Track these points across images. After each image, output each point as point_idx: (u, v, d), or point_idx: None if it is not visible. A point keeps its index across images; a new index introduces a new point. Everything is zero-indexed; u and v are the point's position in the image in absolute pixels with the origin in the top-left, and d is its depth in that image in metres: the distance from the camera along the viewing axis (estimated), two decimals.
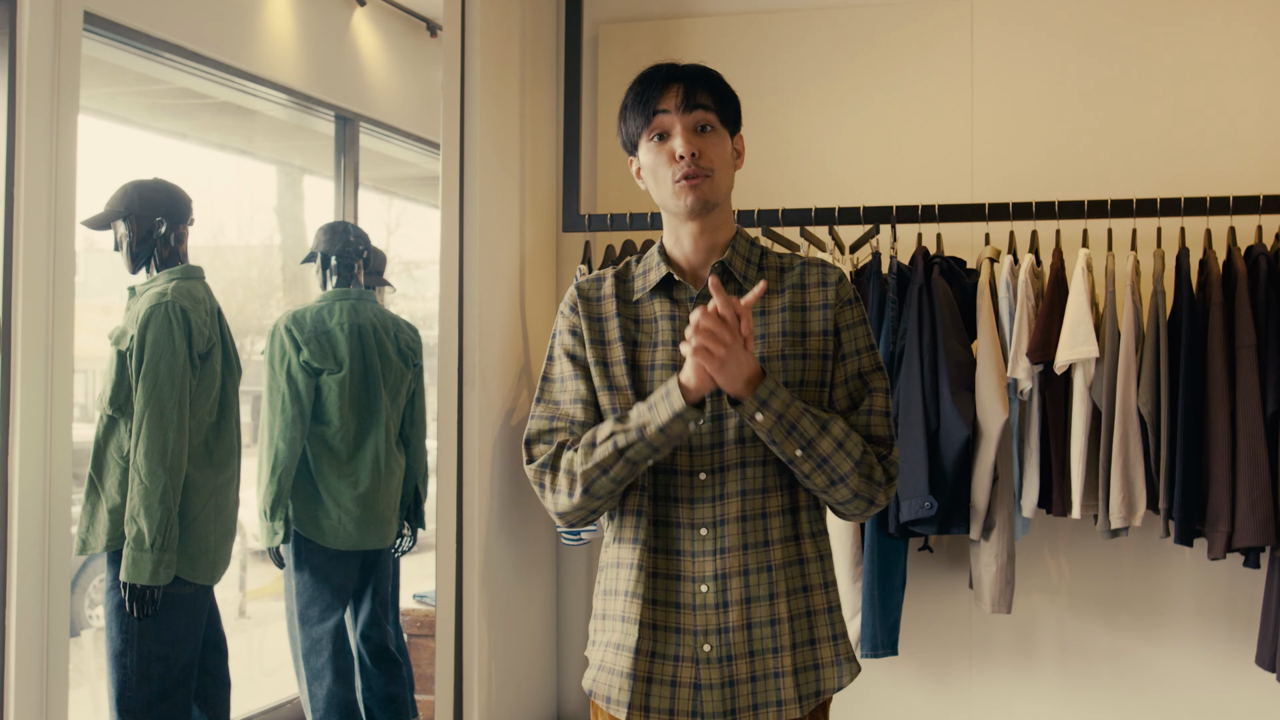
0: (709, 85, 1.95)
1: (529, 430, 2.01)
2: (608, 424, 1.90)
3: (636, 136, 1.96)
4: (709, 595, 1.91)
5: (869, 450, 1.92)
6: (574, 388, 1.99)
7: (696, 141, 1.91)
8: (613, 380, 1.97)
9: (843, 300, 1.98)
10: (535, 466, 1.97)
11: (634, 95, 1.96)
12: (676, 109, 1.92)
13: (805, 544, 1.96)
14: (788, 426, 1.84)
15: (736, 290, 1.97)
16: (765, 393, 1.82)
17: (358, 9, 4.93)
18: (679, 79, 1.94)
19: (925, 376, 3.39)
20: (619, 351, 1.97)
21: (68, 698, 2.45)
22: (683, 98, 1.92)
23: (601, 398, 1.98)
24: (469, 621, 3.58)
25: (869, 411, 1.95)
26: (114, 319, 3.33)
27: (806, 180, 3.95)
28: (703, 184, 1.92)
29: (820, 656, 1.95)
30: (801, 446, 1.85)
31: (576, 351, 2.00)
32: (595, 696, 1.97)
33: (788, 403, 1.84)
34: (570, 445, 1.94)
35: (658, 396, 1.86)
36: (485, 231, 3.63)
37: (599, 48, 4.17)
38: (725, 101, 1.97)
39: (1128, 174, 3.73)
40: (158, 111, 4.91)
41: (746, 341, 1.79)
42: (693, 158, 1.90)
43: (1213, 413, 3.30)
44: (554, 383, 2.02)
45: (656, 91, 1.93)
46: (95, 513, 3.08)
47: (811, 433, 1.85)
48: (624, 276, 2.05)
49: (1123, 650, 3.76)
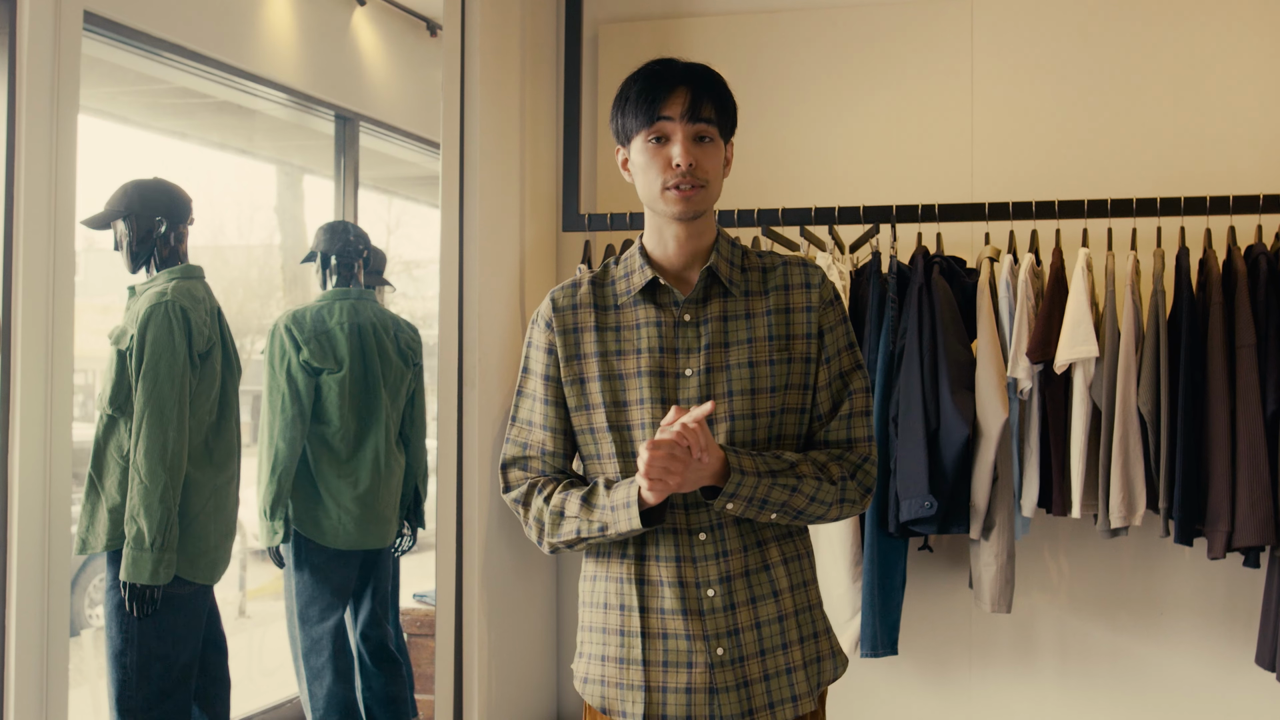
0: (714, 95, 1.93)
1: (504, 454, 2.04)
2: (574, 500, 1.92)
3: (633, 133, 1.94)
4: (717, 599, 1.91)
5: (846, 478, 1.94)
6: (543, 412, 2.00)
7: (695, 152, 1.90)
8: (588, 398, 1.97)
9: (825, 301, 1.98)
10: (510, 498, 2.01)
11: (638, 92, 1.93)
12: (680, 117, 1.90)
13: (796, 541, 2.00)
14: (759, 504, 1.87)
15: (721, 294, 1.97)
16: (733, 486, 1.84)
17: (358, 9, 4.93)
18: (685, 83, 1.91)
19: (925, 376, 3.39)
20: (594, 366, 1.96)
21: (68, 698, 2.45)
22: (688, 106, 1.90)
23: (578, 418, 1.98)
24: (469, 621, 3.58)
25: (848, 415, 1.97)
26: (114, 319, 3.33)
27: (806, 180, 3.95)
28: (695, 195, 1.91)
29: (821, 649, 1.99)
30: (775, 512, 1.89)
31: (550, 372, 2.00)
32: (609, 713, 1.97)
33: (754, 485, 1.86)
34: (540, 487, 1.98)
35: (620, 498, 1.87)
36: (485, 231, 3.63)
37: (599, 48, 4.17)
38: (726, 112, 1.96)
39: (1127, 174, 3.73)
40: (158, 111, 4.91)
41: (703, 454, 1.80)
42: (690, 169, 1.89)
43: (1213, 412, 3.30)
44: (527, 399, 2.03)
45: (664, 94, 1.90)
46: (95, 512, 3.08)
47: (782, 498, 1.88)
48: (601, 281, 2.02)
49: (1123, 650, 3.76)
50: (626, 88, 1.96)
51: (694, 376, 1.93)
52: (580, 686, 2.02)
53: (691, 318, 1.95)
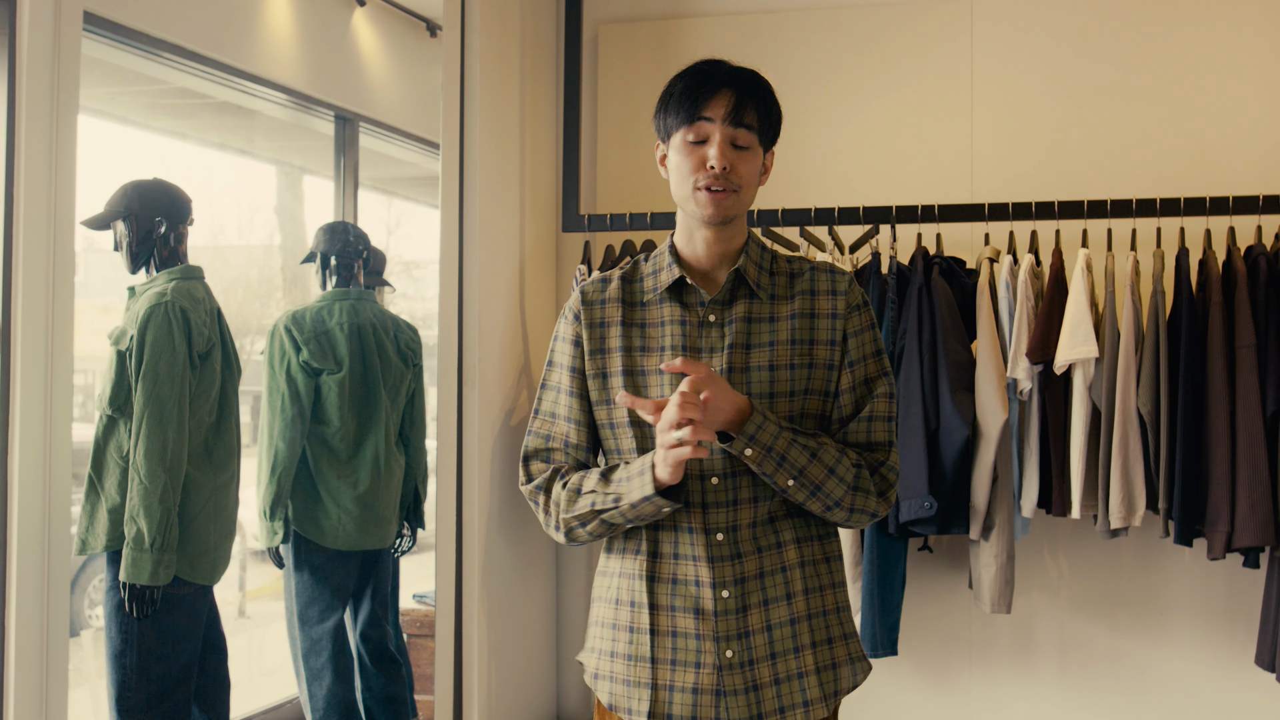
0: (758, 102, 1.92)
1: (526, 446, 2.03)
2: (593, 476, 1.91)
3: (674, 130, 1.93)
4: (731, 600, 1.90)
5: (864, 466, 1.92)
6: (568, 404, 1.99)
7: (730, 156, 1.89)
8: (610, 392, 1.96)
9: (851, 307, 1.97)
10: (531, 487, 2.00)
11: (682, 89, 1.91)
12: (722, 120, 1.89)
13: (816, 545, 1.97)
14: (777, 458, 1.84)
15: (748, 296, 1.96)
16: (753, 428, 1.82)
17: (357, 9, 4.93)
18: (731, 86, 1.90)
19: (925, 376, 3.39)
20: (618, 361, 1.96)
21: (68, 698, 2.45)
22: (730, 110, 1.88)
23: (599, 412, 1.98)
24: (469, 621, 3.58)
25: (870, 417, 1.95)
26: (114, 319, 3.33)
27: (806, 180, 3.95)
28: (727, 199, 1.90)
29: (836, 655, 1.96)
30: (793, 476, 1.86)
31: (576, 364, 1.99)
32: (616, 709, 1.96)
33: (775, 435, 1.84)
34: (564, 474, 1.96)
35: (635, 470, 1.86)
36: (485, 231, 3.64)
37: (599, 48, 4.17)
38: (768, 120, 1.94)
39: (1127, 174, 3.73)
40: (158, 111, 4.91)
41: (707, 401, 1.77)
42: (724, 172, 1.88)
43: (1212, 413, 3.30)
44: (551, 392, 2.02)
45: (707, 94, 1.89)
46: (95, 513, 3.08)
47: (802, 462, 1.85)
48: (631, 277, 2.02)
49: (1122, 650, 3.76)
50: (672, 85, 1.94)
51: None
52: (591, 681, 2.01)
53: (716, 318, 1.95)
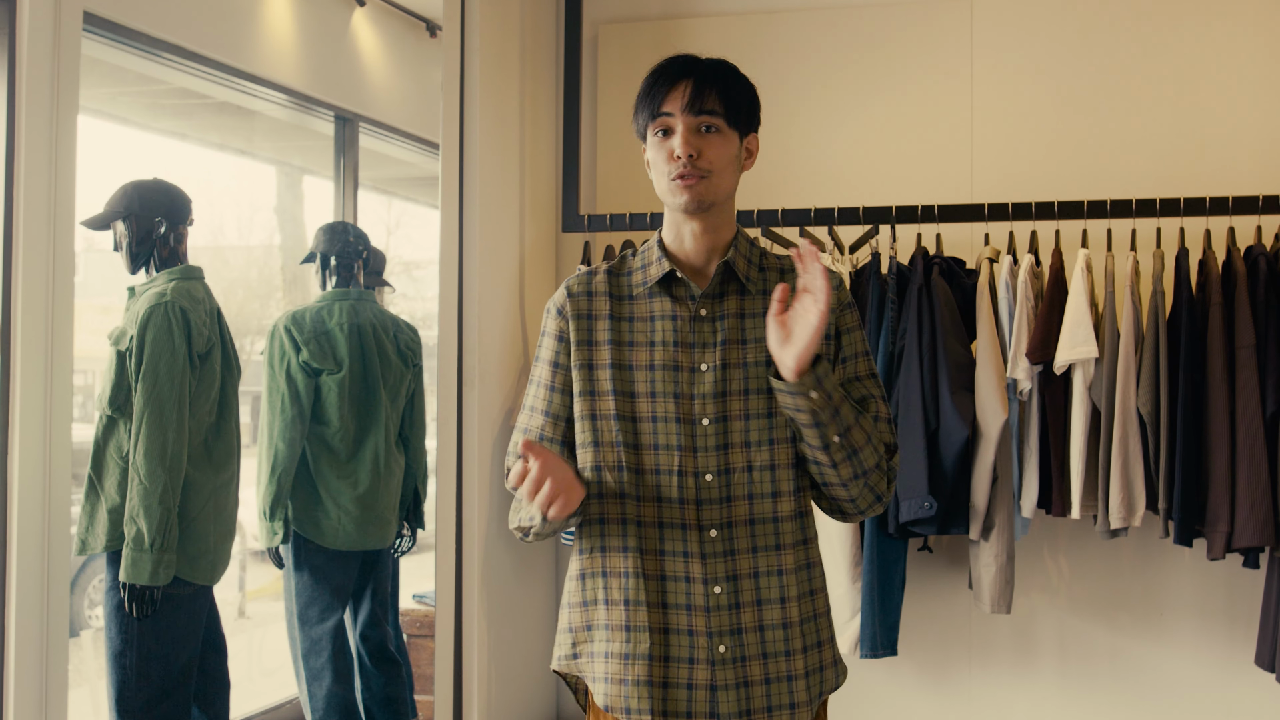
0: (720, 85, 1.92)
1: (511, 444, 2.03)
2: None
3: (644, 129, 1.95)
4: (723, 596, 1.90)
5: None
6: (546, 398, 2.00)
7: (696, 142, 1.89)
8: (596, 384, 1.95)
9: (843, 304, 1.98)
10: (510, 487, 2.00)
11: (644, 88, 1.94)
12: (681, 110, 1.90)
13: (810, 549, 1.98)
14: (833, 411, 1.84)
15: (739, 290, 1.96)
16: (823, 371, 1.81)
17: (357, 9, 4.93)
18: (688, 76, 1.91)
19: (925, 377, 3.39)
20: (607, 354, 1.96)
21: (67, 698, 2.45)
22: (688, 99, 1.90)
23: (581, 403, 1.96)
24: (469, 621, 3.58)
25: (874, 418, 1.95)
26: (114, 319, 3.33)
27: (806, 180, 3.95)
28: (698, 184, 1.90)
29: (824, 659, 1.98)
30: (839, 433, 1.85)
31: (560, 359, 1.99)
32: (612, 710, 1.95)
33: (836, 384, 1.84)
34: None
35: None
36: (485, 231, 3.64)
37: (599, 48, 4.17)
38: (735, 102, 1.94)
39: (1127, 174, 3.73)
40: (157, 111, 4.91)
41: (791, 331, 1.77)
42: (690, 159, 1.88)
43: (1212, 413, 3.30)
44: (533, 386, 2.03)
45: (664, 88, 1.91)
46: (95, 513, 3.08)
47: (850, 420, 1.86)
48: (619, 271, 2.02)
49: (1122, 650, 3.76)
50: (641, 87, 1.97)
51: (709, 372, 1.92)
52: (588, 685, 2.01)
53: (708, 312, 1.94)
